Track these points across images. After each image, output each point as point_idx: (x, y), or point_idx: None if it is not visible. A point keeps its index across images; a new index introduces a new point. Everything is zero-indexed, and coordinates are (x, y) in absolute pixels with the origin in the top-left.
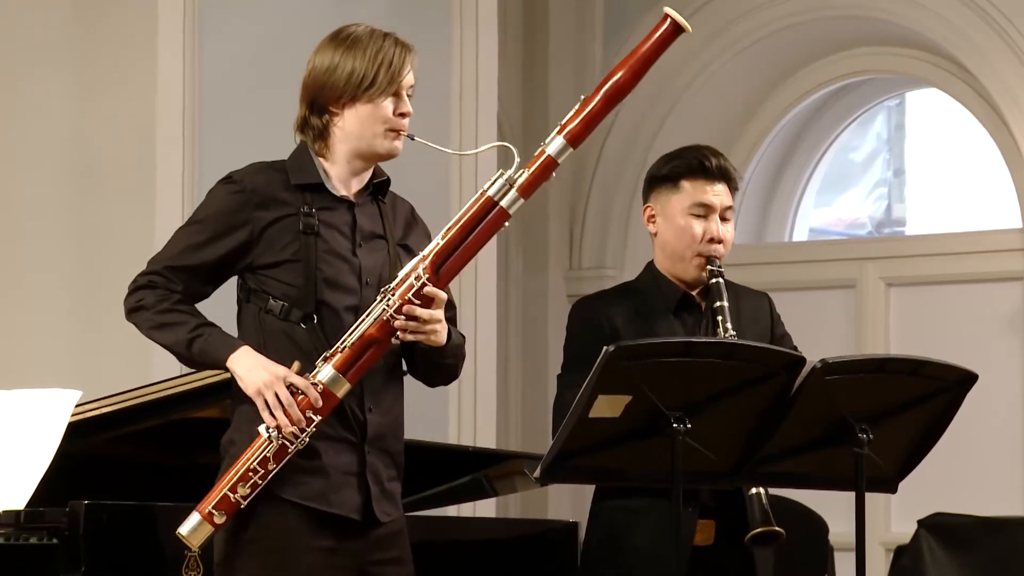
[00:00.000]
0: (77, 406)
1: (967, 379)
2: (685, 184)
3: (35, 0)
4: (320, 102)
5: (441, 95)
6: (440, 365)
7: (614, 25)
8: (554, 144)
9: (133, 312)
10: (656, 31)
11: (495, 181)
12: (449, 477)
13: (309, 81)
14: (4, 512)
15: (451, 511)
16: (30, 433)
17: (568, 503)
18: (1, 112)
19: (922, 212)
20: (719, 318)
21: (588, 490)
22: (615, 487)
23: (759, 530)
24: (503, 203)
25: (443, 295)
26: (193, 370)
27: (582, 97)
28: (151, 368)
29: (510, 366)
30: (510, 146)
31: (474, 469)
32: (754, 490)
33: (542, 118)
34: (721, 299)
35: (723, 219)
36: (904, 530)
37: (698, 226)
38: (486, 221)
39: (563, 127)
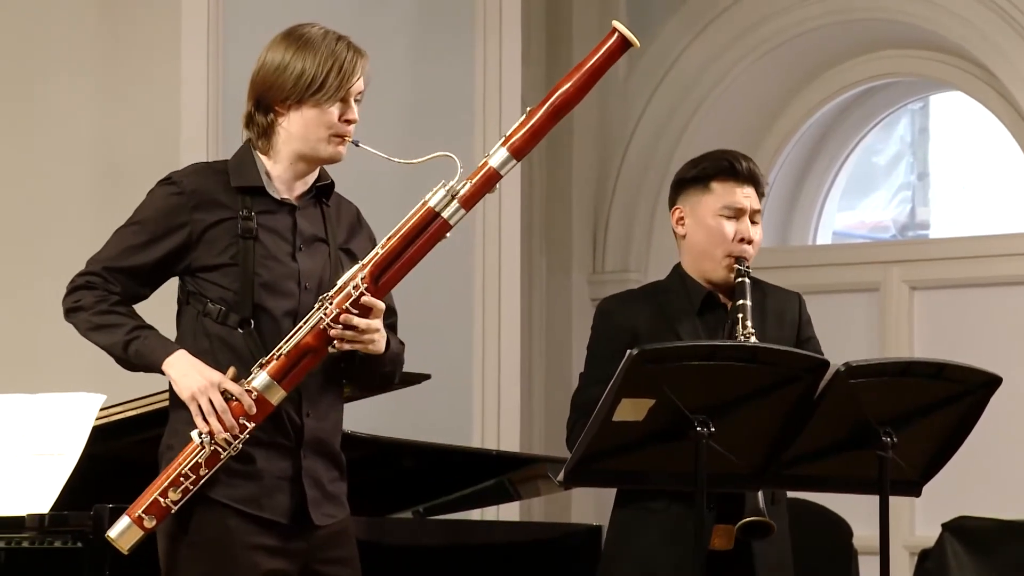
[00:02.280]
0: (102, 409)
1: (991, 382)
2: (715, 186)
3: (60, 3)
4: (266, 100)
5: (465, 98)
6: (377, 373)
7: (637, 28)
8: (497, 156)
9: (71, 312)
10: (603, 45)
11: (436, 192)
12: (473, 481)
13: (258, 78)
14: (29, 516)
15: (475, 514)
16: (55, 437)
17: (592, 507)
18: (26, 115)
19: (946, 215)
20: (739, 315)
21: (611, 493)
22: (630, 495)
23: (749, 519)
24: (444, 214)
25: (381, 305)
26: (131, 371)
27: (527, 109)
28: None
29: (533, 369)
30: (453, 156)
31: (498, 473)
32: None
33: (565, 121)
34: (744, 298)
35: (752, 222)
36: (928, 534)
37: (729, 227)
38: (427, 232)
39: (507, 139)
